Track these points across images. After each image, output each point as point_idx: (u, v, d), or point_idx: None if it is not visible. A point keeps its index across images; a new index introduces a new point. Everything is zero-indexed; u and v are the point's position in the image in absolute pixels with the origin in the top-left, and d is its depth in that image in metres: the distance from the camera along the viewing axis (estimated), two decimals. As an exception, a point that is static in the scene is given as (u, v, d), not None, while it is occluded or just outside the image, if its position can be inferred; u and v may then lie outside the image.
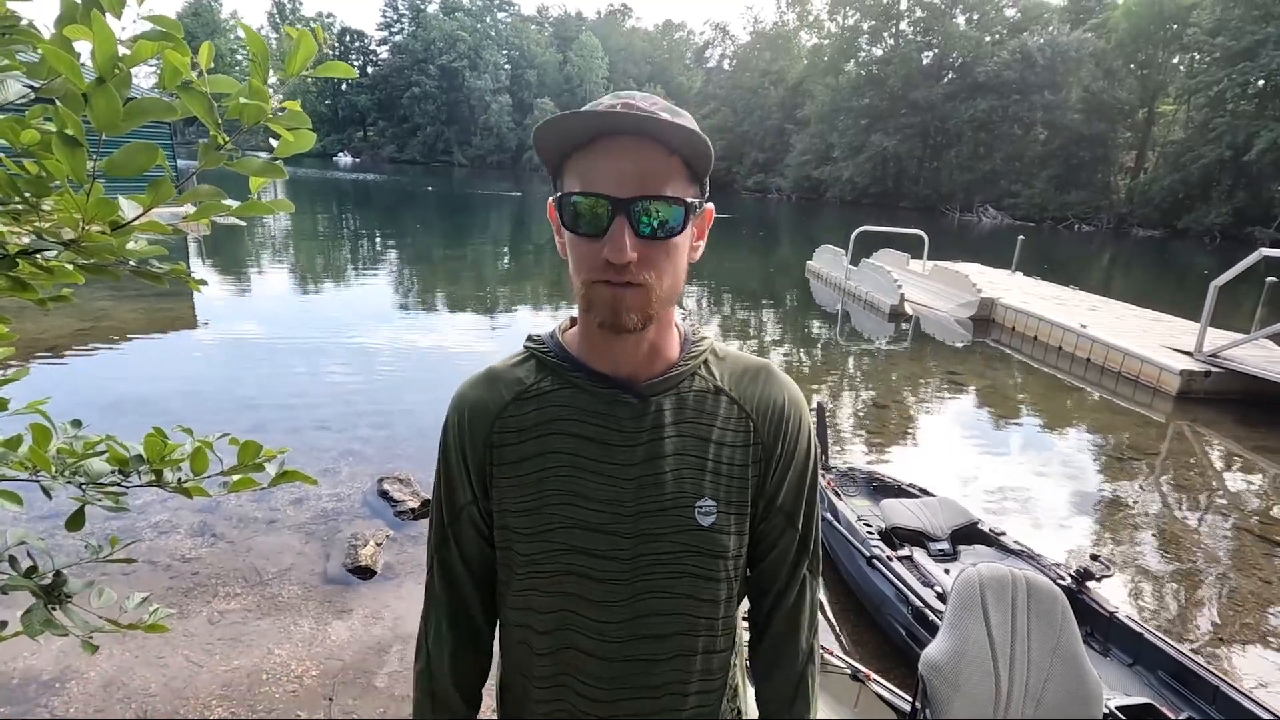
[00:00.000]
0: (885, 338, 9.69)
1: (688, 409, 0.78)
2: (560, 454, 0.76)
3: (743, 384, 0.81)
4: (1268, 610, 3.50)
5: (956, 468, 5.12)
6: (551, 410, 0.77)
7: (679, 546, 0.76)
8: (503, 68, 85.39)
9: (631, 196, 0.67)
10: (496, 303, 10.42)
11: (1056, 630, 1.56)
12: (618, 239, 0.67)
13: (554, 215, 0.75)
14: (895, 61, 46.63)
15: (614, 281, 0.69)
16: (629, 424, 0.76)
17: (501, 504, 0.78)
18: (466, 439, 0.79)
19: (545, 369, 0.80)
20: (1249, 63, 31.00)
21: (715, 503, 0.77)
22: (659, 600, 0.77)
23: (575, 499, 0.75)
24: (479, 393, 0.80)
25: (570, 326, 0.84)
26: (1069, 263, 20.87)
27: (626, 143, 0.68)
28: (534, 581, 0.78)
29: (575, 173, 0.71)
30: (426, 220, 23.45)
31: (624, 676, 0.78)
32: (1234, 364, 6.84)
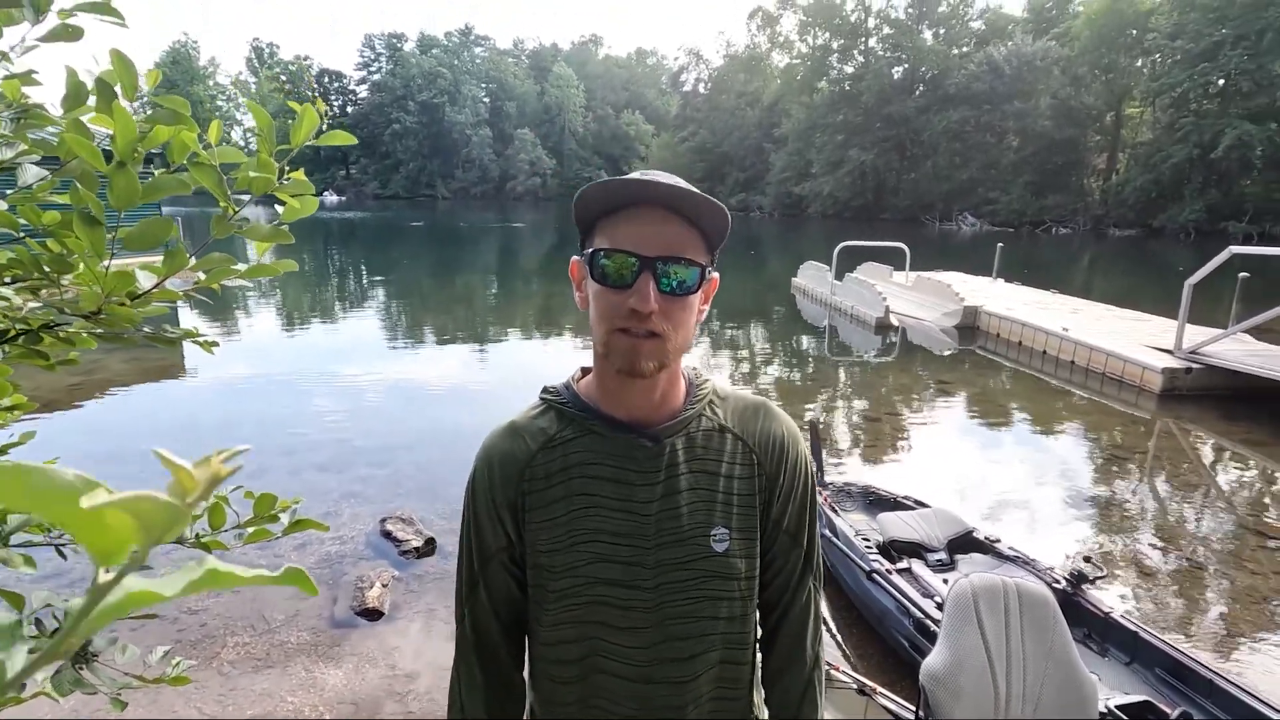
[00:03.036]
0: (873, 350, 9.81)
1: (698, 447, 0.86)
2: (585, 495, 0.83)
3: (745, 421, 0.90)
4: (1261, 603, 3.57)
5: (952, 476, 5.19)
6: (575, 456, 0.84)
7: (698, 573, 0.83)
8: (482, 101, 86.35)
9: (657, 256, 0.77)
10: (487, 334, 10.49)
11: (1049, 634, 1.62)
12: (644, 291, 0.76)
13: (576, 272, 0.85)
14: (867, 78, 47.60)
15: (634, 331, 0.77)
16: (646, 464, 0.84)
17: (534, 545, 0.85)
18: (498, 488, 0.86)
19: (565, 419, 0.87)
20: (1208, 63, 31.92)
21: (728, 530, 0.85)
22: (681, 625, 0.83)
23: (601, 535, 0.82)
24: (506, 444, 0.87)
25: (582, 377, 0.92)
26: (1049, 266, 21.20)
27: (655, 212, 0.78)
28: (564, 615, 0.84)
29: (606, 233, 0.80)
30: (415, 254, 23.57)
31: (653, 698, 0.84)
32: (1214, 359, 6.99)
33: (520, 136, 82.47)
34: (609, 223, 0.80)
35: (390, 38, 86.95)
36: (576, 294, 0.87)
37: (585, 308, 0.84)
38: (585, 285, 0.84)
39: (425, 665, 2.88)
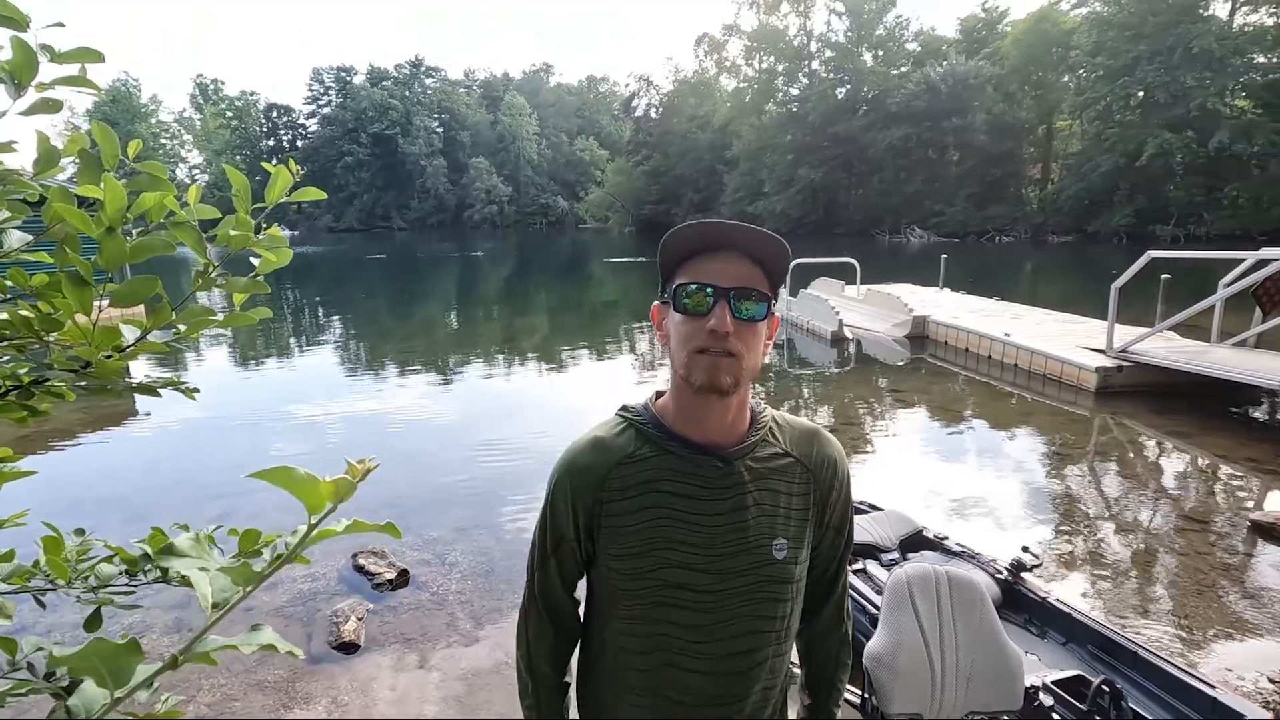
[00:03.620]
0: (831, 363, 10.13)
1: (762, 469, 0.99)
2: (660, 508, 0.97)
3: (803, 446, 1.04)
4: (1187, 582, 3.85)
5: (909, 480, 5.43)
6: (651, 473, 0.98)
7: (760, 578, 0.97)
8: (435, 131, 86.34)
9: (731, 287, 0.92)
10: (448, 365, 10.50)
11: (977, 615, 1.80)
12: (721, 314, 0.90)
13: (656, 315, 1.02)
14: (812, 99, 49.16)
15: (713, 350, 0.91)
16: (716, 482, 0.97)
17: (606, 549, 0.99)
18: (577, 494, 1.00)
19: (643, 437, 1.01)
20: (1128, 78, 33.90)
21: (786, 540, 0.99)
22: (743, 623, 0.98)
23: (674, 544, 0.96)
24: (589, 457, 1.00)
25: (657, 399, 1.06)
26: (992, 274, 22.09)
27: (729, 253, 0.93)
28: (638, 611, 0.98)
29: (686, 272, 0.95)
30: (373, 287, 23.38)
31: (716, 688, 0.98)
32: (1142, 357, 7.45)
33: (475, 165, 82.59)
34: (689, 264, 0.95)
35: (339, 71, 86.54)
36: (657, 333, 1.02)
37: (665, 343, 0.99)
38: (666, 323, 0.99)
39: (404, 694, 2.93)
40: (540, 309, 18.20)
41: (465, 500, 5.10)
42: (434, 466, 5.89)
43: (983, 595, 1.82)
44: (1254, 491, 5.13)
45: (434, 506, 4.98)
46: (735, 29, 55.82)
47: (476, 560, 4.14)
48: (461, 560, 4.15)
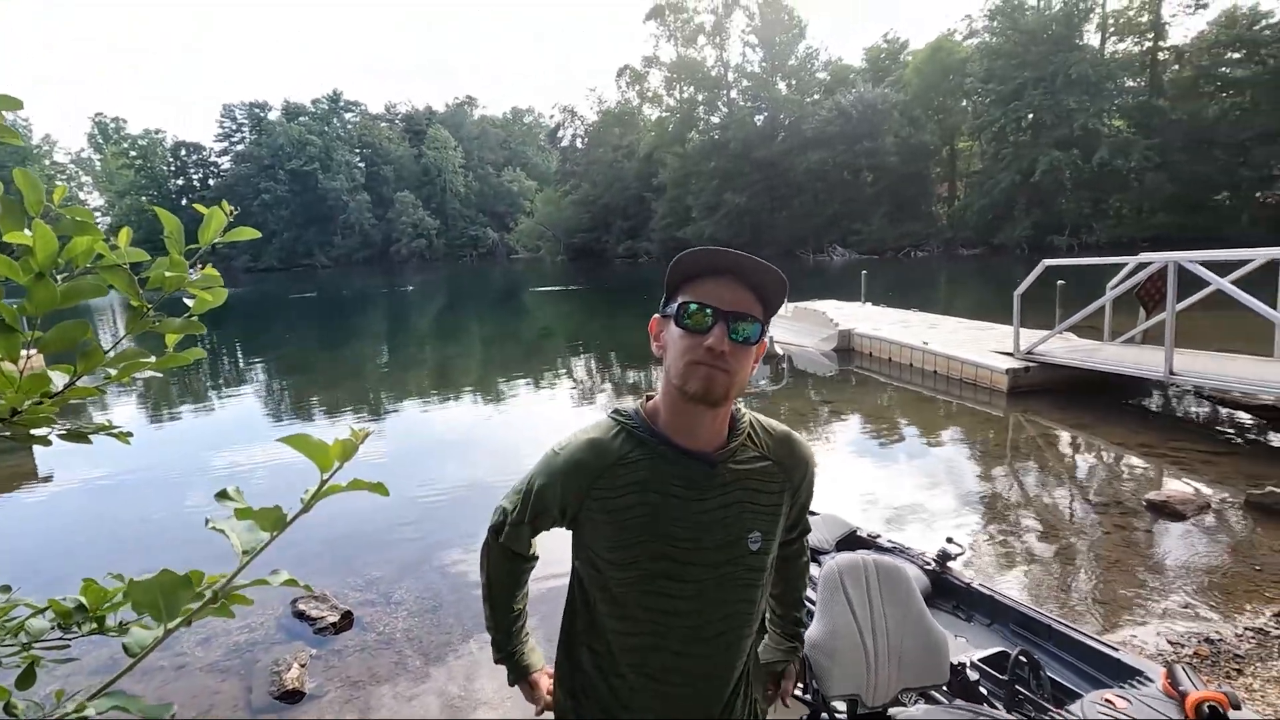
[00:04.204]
0: (765, 379, 10.43)
1: (742, 470, 1.09)
2: (650, 505, 1.05)
3: (778, 448, 1.15)
4: (1094, 560, 4.18)
5: (846, 485, 5.66)
6: (644, 474, 1.06)
7: (739, 568, 1.08)
8: (356, 166, 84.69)
9: (729, 310, 1.01)
10: (380, 403, 10.26)
11: (904, 599, 1.94)
12: (719, 334, 1.00)
13: (655, 326, 1.12)
14: (732, 126, 50.87)
15: (709, 364, 1.01)
16: (702, 483, 1.06)
17: (595, 542, 1.08)
18: (567, 490, 1.09)
19: (635, 440, 1.09)
20: (1018, 102, 36.66)
21: (761, 534, 1.09)
22: (724, 608, 1.08)
23: (663, 538, 1.05)
24: (583, 455, 1.08)
25: (645, 403, 1.14)
26: (909, 287, 23.26)
27: (730, 280, 1.03)
28: (630, 598, 1.07)
29: (689, 292, 1.04)
30: (297, 327, 22.58)
31: (706, 668, 1.09)
32: (1046, 358, 8.03)
33: (400, 199, 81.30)
34: (693, 284, 1.04)
35: (252, 107, 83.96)
36: (654, 344, 1.11)
37: (661, 353, 1.09)
38: (664, 335, 1.08)
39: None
40: (475, 341, 18.00)
41: (408, 539, 5.00)
42: (373, 508, 5.74)
43: (908, 580, 1.97)
44: (1148, 474, 5.60)
45: (376, 547, 4.86)
46: (655, 60, 57.36)
47: (423, 597, 4.07)
48: (407, 598, 4.07)
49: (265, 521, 0.67)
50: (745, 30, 52.30)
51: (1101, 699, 1.95)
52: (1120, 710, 1.91)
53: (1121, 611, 3.57)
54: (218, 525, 0.70)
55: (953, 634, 2.91)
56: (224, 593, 0.65)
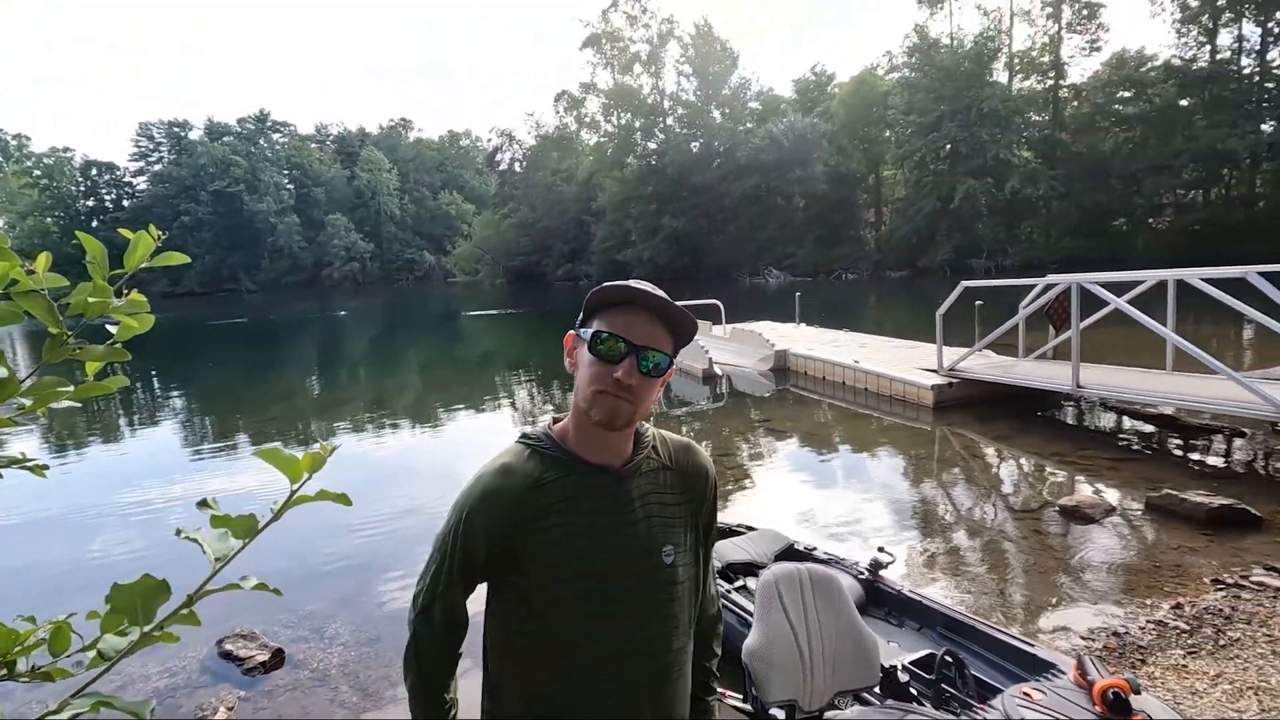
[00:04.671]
0: (705, 399, 10.61)
1: (650, 483, 1.13)
2: (570, 526, 1.06)
3: (680, 459, 1.19)
4: (1016, 563, 4.42)
5: (785, 501, 5.81)
6: (560, 494, 1.08)
7: (659, 581, 1.10)
8: (285, 188, 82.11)
9: (641, 344, 1.05)
10: (310, 433, 9.91)
11: (838, 606, 2.04)
12: (629, 367, 1.04)
13: (570, 342, 1.13)
14: (669, 153, 51.87)
15: (616, 395, 1.04)
16: (614, 498, 1.09)
17: (526, 567, 1.07)
18: (492, 521, 1.07)
19: (547, 461, 1.10)
20: (936, 133, 38.80)
21: (674, 546, 1.12)
22: (654, 623, 1.10)
23: (583, 557, 1.06)
24: (500, 482, 1.08)
25: (553, 425, 1.16)
26: (841, 309, 24.12)
27: (644, 313, 1.07)
28: (561, 626, 1.07)
29: (605, 320, 1.07)
30: (221, 355, 21.56)
31: (644, 677, 1.10)
32: (967, 374, 8.47)
33: (332, 222, 79.11)
34: (609, 314, 1.07)
35: (171, 125, 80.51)
36: (568, 359, 1.13)
37: (573, 370, 1.11)
38: (578, 355, 1.10)
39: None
40: (410, 367, 17.60)
41: (344, 572, 4.84)
42: (306, 541, 5.53)
43: (841, 587, 2.07)
44: (1061, 480, 5.97)
45: (309, 581, 4.68)
46: (592, 87, 58.09)
47: (360, 631, 3.95)
48: (343, 632, 3.94)
49: (239, 529, 0.70)
50: (680, 60, 53.65)
51: (1020, 693, 2.08)
52: (1036, 702, 2.04)
53: (1039, 610, 3.79)
54: (190, 535, 0.71)
55: (885, 639, 3.03)
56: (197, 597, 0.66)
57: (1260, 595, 3.64)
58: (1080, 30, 39.65)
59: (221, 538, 0.72)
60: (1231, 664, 3.02)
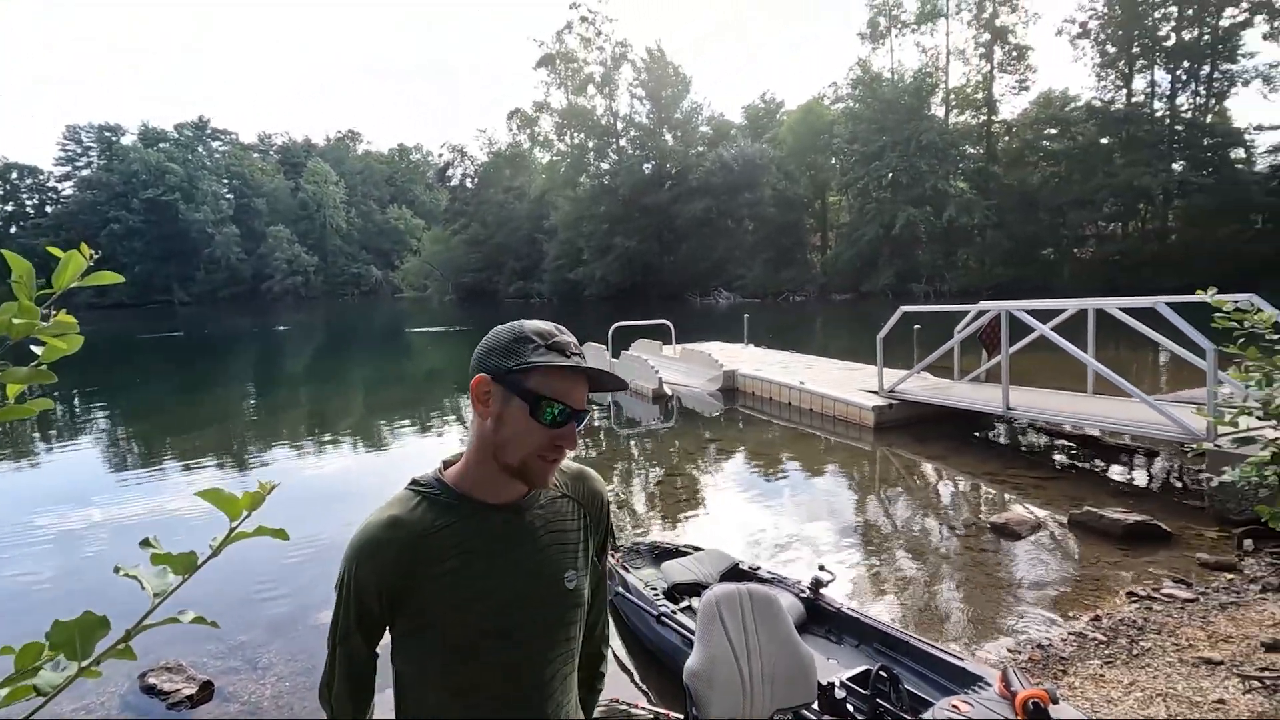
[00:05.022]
0: (655, 418, 10.67)
1: (548, 513, 1.14)
2: (469, 569, 1.06)
3: (576, 487, 1.21)
4: (951, 578, 4.59)
5: (733, 520, 5.89)
6: (455, 538, 1.07)
7: (559, 607, 1.12)
8: (224, 197, 79.31)
9: (580, 410, 1.07)
10: (246, 453, 9.55)
11: (777, 625, 2.09)
12: (572, 435, 1.06)
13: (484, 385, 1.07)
14: (622, 173, 52.35)
15: (550, 459, 1.06)
16: (514, 533, 1.10)
17: (424, 610, 1.06)
18: (381, 572, 1.05)
19: (440, 507, 1.09)
20: (878, 162, 40.34)
21: (574, 572, 1.14)
22: (551, 648, 1.12)
23: (486, 594, 1.07)
24: (385, 534, 1.06)
25: (443, 470, 1.15)
26: (788, 330, 24.68)
27: (582, 379, 1.08)
28: (461, 654, 1.07)
29: (548, 385, 1.05)
30: (152, 370, 20.54)
31: (540, 704, 1.11)
32: (906, 395, 8.79)
33: (274, 234, 76.75)
34: (553, 378, 1.05)
35: (101, 130, 76.97)
36: (479, 404, 1.08)
37: (487, 419, 1.07)
38: (499, 406, 1.06)
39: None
40: (352, 385, 17.16)
41: (279, 600, 4.67)
42: (239, 567, 5.31)
43: (780, 606, 2.13)
44: (993, 498, 6.24)
45: (240, 609, 4.50)
46: (546, 106, 58.31)
47: (295, 660, 3.82)
48: (277, 662, 3.80)
49: (178, 566, 0.71)
50: (633, 83, 54.43)
51: (949, 705, 2.17)
52: (964, 713, 2.14)
53: (971, 623, 3.95)
54: (129, 572, 0.72)
55: (825, 656, 3.12)
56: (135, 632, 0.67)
57: (1169, 606, 3.88)
58: (1010, 70, 42.04)
59: (160, 574, 0.73)
60: (1143, 672, 3.21)
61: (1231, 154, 35.06)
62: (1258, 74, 34.37)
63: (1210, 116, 35.80)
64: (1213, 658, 3.23)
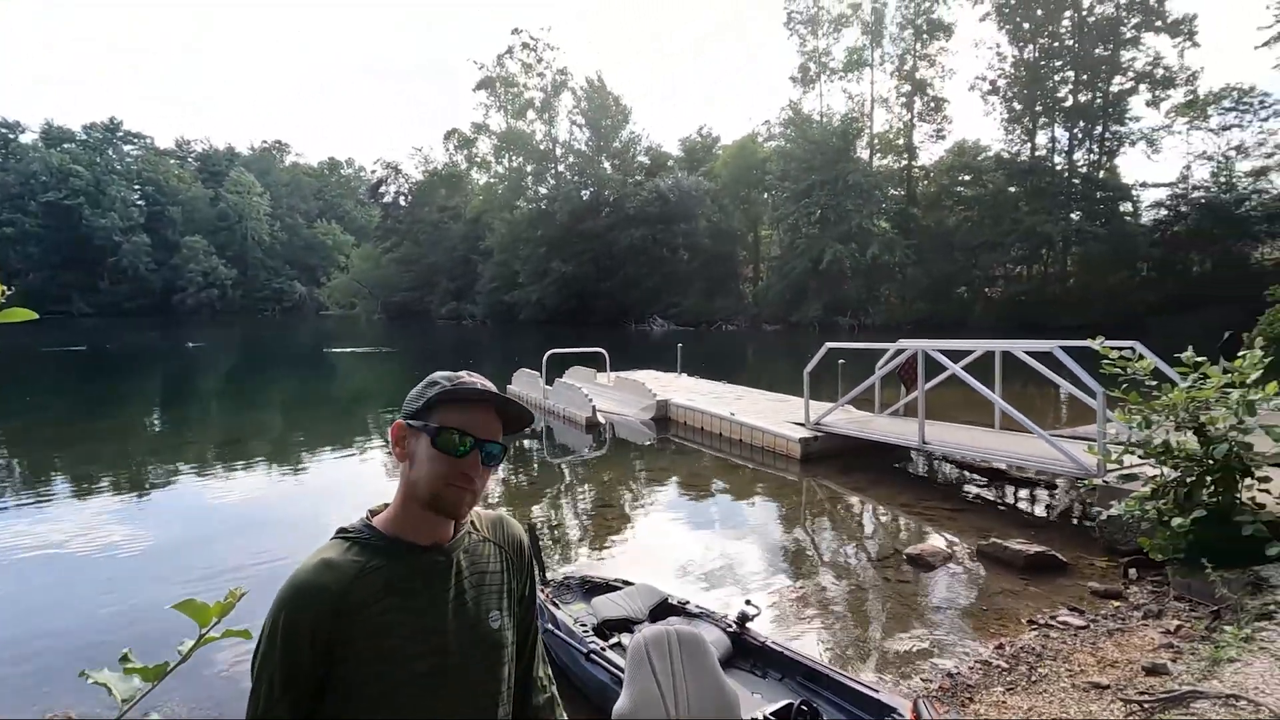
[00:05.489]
0: (587, 447, 10.67)
1: (473, 556, 1.20)
2: (401, 611, 1.10)
3: (497, 531, 1.27)
4: (869, 609, 4.78)
5: (664, 552, 5.95)
6: (386, 581, 1.10)
7: (485, 647, 1.16)
8: (135, 204, 74.98)
9: (485, 439, 1.13)
10: (147, 477, 8.97)
11: (702, 665, 2.16)
12: (474, 461, 1.12)
13: (400, 431, 1.16)
14: (560, 198, 52.64)
15: (461, 487, 1.11)
16: (441, 575, 1.15)
17: (359, 656, 1.07)
18: (314, 620, 1.05)
19: (370, 550, 1.13)
20: (808, 199, 42.04)
21: (499, 613, 1.19)
22: (481, 686, 1.16)
23: (417, 635, 1.10)
24: (321, 579, 1.07)
25: (371, 517, 1.18)
26: (721, 360, 25.21)
27: (486, 409, 1.15)
28: (392, 697, 1.08)
29: (449, 417, 1.12)
30: (42, 390, 19.00)
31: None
32: (831, 428, 9.13)
33: (189, 244, 72.97)
34: (450, 409, 1.13)
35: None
36: (396, 448, 1.17)
37: (404, 460, 1.15)
38: (412, 445, 1.14)
39: None
40: (274, 406, 16.41)
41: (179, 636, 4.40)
42: (131, 604, 4.99)
43: (706, 646, 2.20)
44: (909, 530, 6.54)
45: (140, 641, 4.21)
46: (485, 128, 58.14)
47: (199, 707, 3.60)
48: (179, 711, 3.57)
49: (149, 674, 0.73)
50: (573, 110, 55.06)
51: (863, 737, 2.28)
52: (877, 745, 2.25)
53: (888, 654, 4.13)
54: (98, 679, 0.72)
55: (749, 690, 3.20)
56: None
57: (1064, 633, 4.17)
58: (929, 120, 44.95)
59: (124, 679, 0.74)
60: (1040, 698, 3.44)
61: (1121, 207, 38.33)
62: (1142, 136, 37.93)
63: (1103, 172, 39.09)
64: (1101, 682, 3.49)
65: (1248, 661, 3.30)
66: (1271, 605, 3.83)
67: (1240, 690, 2.99)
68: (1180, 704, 2.96)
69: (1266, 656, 3.32)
